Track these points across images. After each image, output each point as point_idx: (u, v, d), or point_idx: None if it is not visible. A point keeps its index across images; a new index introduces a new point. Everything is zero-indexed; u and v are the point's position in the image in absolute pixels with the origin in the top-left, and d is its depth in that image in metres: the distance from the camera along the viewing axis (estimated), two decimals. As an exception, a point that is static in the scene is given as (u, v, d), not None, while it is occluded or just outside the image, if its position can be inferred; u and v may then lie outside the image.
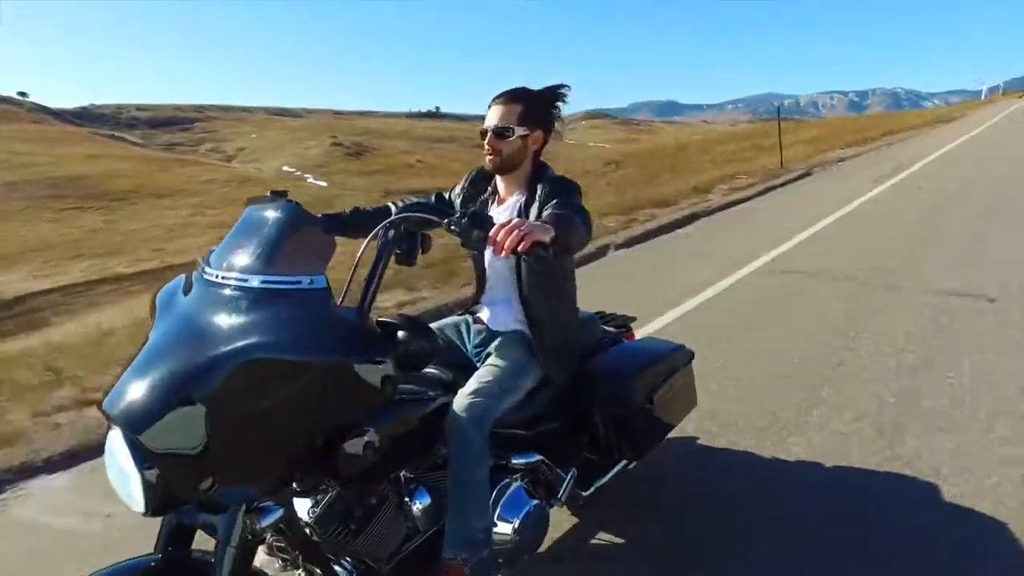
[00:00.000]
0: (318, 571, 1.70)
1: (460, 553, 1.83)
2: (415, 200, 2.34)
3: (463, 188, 2.30)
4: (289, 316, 1.33)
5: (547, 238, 1.57)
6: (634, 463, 2.46)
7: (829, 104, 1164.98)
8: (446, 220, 1.59)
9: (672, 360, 2.54)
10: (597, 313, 2.77)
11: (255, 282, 1.36)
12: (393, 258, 1.62)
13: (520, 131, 2.05)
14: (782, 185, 12.19)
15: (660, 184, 13.20)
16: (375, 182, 50.29)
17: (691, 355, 2.67)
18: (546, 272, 2.09)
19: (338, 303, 1.55)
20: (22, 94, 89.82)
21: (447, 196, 2.35)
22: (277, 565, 1.78)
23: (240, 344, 1.29)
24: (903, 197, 10.31)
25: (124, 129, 79.26)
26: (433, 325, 2.27)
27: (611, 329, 2.67)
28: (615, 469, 2.43)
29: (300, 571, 1.76)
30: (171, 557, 1.40)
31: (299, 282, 1.35)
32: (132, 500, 1.26)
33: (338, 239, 1.89)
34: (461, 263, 5.95)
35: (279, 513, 1.41)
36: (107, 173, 41.93)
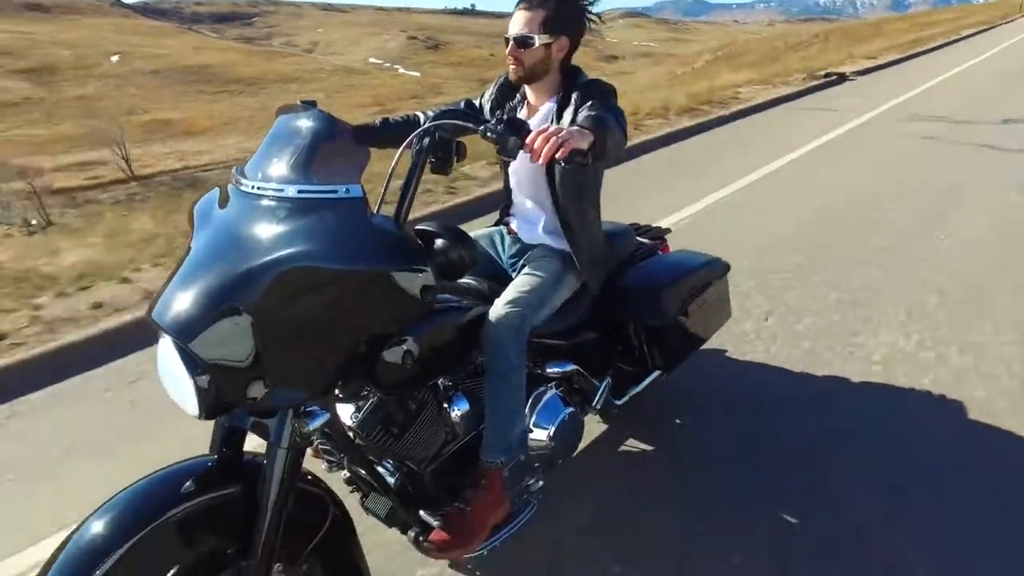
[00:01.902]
0: (362, 472, 1.73)
1: (497, 457, 1.82)
2: (446, 107, 2.18)
3: (492, 95, 2.15)
4: (326, 225, 1.30)
5: (585, 144, 1.49)
6: (667, 374, 2.42)
7: (868, 3, 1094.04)
8: (482, 127, 1.50)
9: (707, 273, 2.47)
10: (632, 224, 2.66)
11: (291, 192, 1.33)
12: (428, 167, 1.54)
13: (543, 39, 1.88)
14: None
15: (882, 40, 24.04)
16: (462, 73, 51.91)
17: (726, 267, 2.58)
18: (580, 180, 1.97)
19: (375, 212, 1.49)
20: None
21: (477, 102, 2.20)
22: (324, 466, 1.82)
23: (279, 254, 1.26)
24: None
25: (190, 22, 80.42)
26: None
27: (646, 241, 2.57)
28: (648, 379, 2.39)
29: (344, 472, 1.81)
30: (225, 458, 1.42)
31: (335, 191, 1.32)
32: (186, 404, 1.27)
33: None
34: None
35: (326, 417, 1.40)
36: (225, 63, 44.11)
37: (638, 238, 2.55)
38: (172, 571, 1.28)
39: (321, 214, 1.31)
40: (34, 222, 13.04)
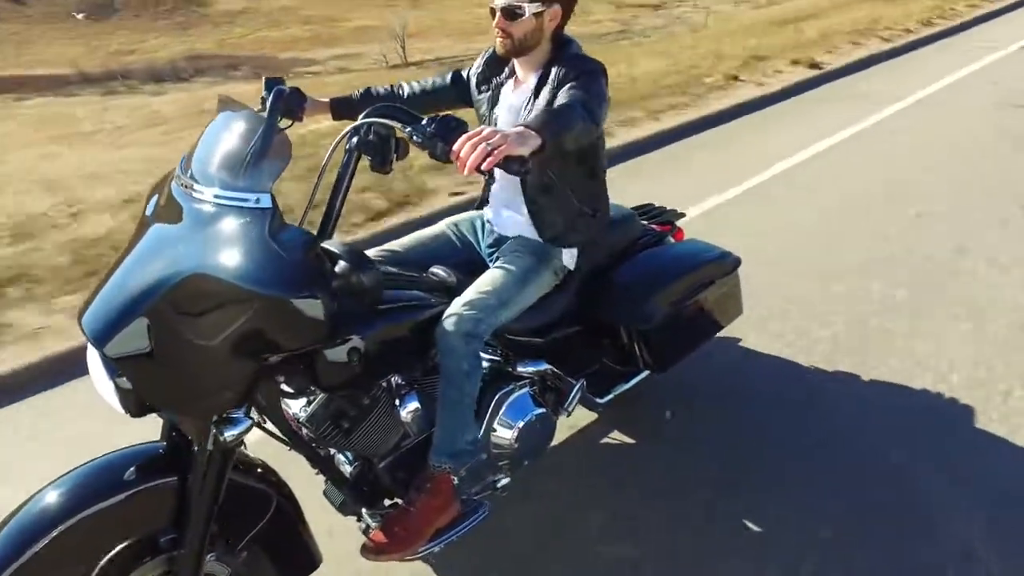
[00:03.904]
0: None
1: (445, 462, 1.70)
2: (421, 88, 2.00)
3: (479, 68, 1.92)
4: (231, 236, 1.25)
5: (525, 150, 1.31)
6: (659, 373, 2.18)
7: None
8: (409, 129, 1.35)
9: (712, 269, 2.21)
10: (641, 207, 2.41)
11: (210, 195, 1.29)
12: (369, 162, 1.43)
13: (533, 8, 1.66)
14: None
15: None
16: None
17: (736, 262, 2.29)
18: (553, 166, 1.74)
19: (303, 216, 1.47)
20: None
21: (465, 75, 1.96)
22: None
23: (185, 262, 1.24)
24: None
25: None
26: (448, 220, 2.03)
27: (654, 227, 2.30)
28: (637, 378, 2.20)
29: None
30: (173, 446, 1.42)
31: (247, 200, 1.27)
32: (114, 403, 1.28)
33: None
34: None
35: (246, 425, 1.35)
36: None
37: (646, 223, 2.30)
38: (109, 550, 1.33)
39: (230, 222, 1.26)
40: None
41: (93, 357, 1.30)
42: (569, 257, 1.92)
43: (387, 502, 1.77)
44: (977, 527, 1.98)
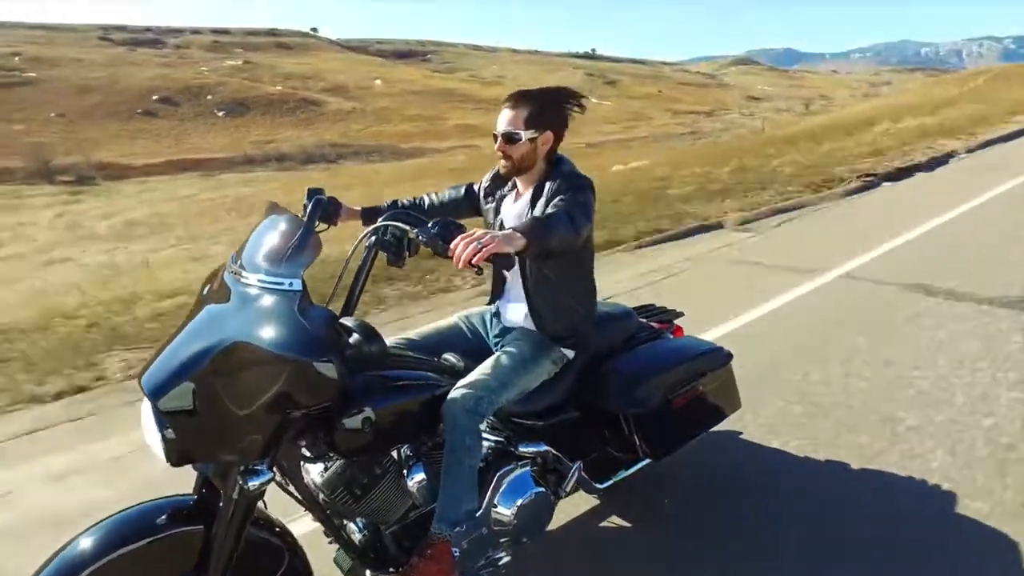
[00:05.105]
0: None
1: (445, 529, 1.80)
2: (439, 199, 2.28)
3: (486, 183, 2.18)
4: (269, 312, 1.48)
5: (511, 249, 1.52)
6: (656, 461, 2.23)
7: (976, 52, 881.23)
8: (416, 231, 1.63)
9: (703, 362, 2.32)
10: (642, 307, 2.56)
11: (254, 279, 1.53)
12: (386, 257, 1.75)
13: (528, 134, 1.91)
14: None
15: None
16: (644, 104, 57.65)
17: (728, 357, 2.38)
18: (551, 268, 1.97)
19: (330, 297, 1.76)
20: (314, 30, 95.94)
21: (476, 188, 2.23)
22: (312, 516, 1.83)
23: (232, 331, 1.46)
24: None
25: (375, 56, 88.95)
26: (461, 313, 2.25)
27: (653, 324, 2.43)
28: (637, 466, 2.25)
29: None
30: (203, 499, 1.57)
31: (282, 283, 1.51)
32: (159, 453, 1.44)
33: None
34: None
35: (267, 477, 1.50)
36: (459, 88, 51.97)
37: (644, 320, 2.43)
38: None
39: (269, 301, 1.50)
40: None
41: (146, 412, 1.47)
42: (567, 347, 2.05)
43: (391, 570, 1.86)
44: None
